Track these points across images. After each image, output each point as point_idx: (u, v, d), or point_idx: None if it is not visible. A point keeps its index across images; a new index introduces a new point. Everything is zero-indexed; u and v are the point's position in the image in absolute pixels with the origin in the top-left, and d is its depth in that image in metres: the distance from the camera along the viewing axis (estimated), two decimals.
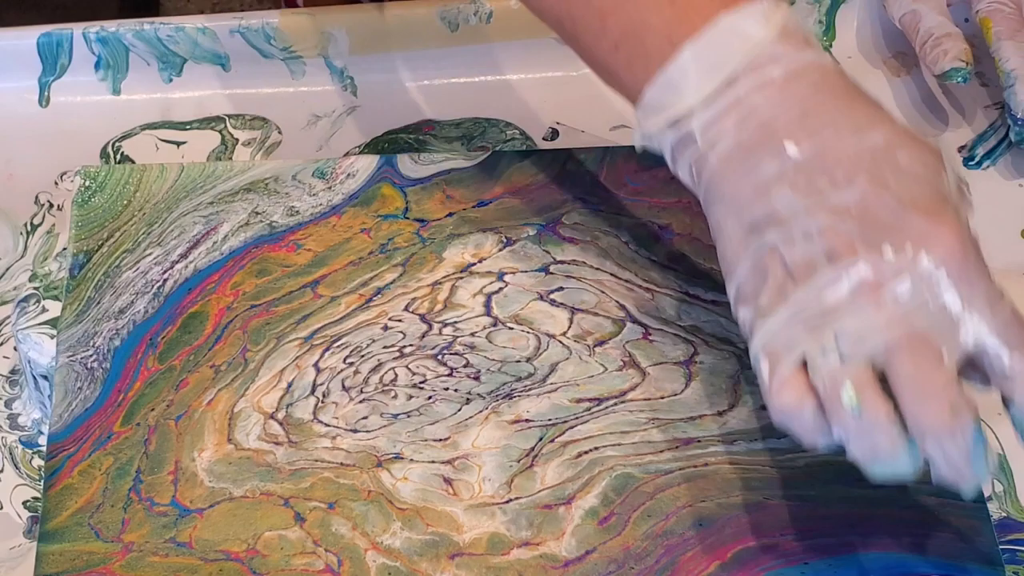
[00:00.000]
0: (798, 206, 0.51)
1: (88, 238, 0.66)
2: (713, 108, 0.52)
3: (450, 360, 0.63)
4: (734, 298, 0.53)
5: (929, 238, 0.49)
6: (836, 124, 0.51)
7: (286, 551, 0.57)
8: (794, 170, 0.51)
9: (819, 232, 0.50)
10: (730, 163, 0.52)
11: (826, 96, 0.52)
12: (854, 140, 0.51)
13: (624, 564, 0.57)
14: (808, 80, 0.52)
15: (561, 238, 0.66)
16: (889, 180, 0.50)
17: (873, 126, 0.52)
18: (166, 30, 0.74)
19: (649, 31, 0.53)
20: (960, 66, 0.70)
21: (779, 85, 0.52)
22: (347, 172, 0.69)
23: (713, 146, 0.52)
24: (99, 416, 0.61)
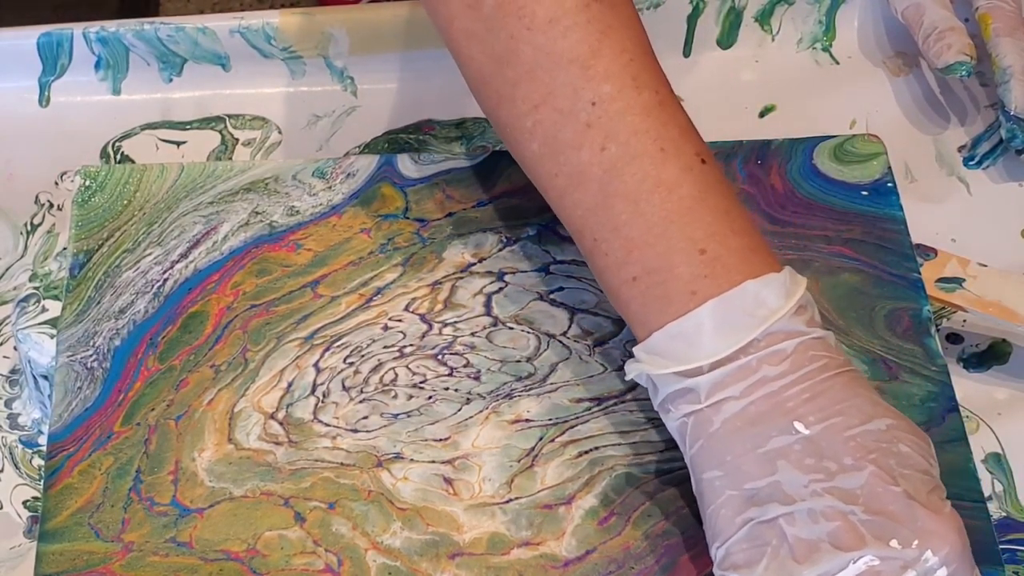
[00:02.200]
0: (804, 485, 0.51)
1: (88, 238, 0.66)
2: (723, 370, 0.52)
3: (450, 360, 0.63)
4: (720, 560, 0.53)
5: (934, 537, 0.50)
6: (844, 409, 0.52)
7: (286, 551, 0.57)
8: (801, 449, 0.51)
9: (824, 515, 0.50)
10: (735, 430, 0.52)
11: (834, 379, 0.52)
12: (861, 427, 0.51)
13: (624, 564, 0.57)
14: (817, 359, 0.52)
15: (561, 238, 0.66)
16: (894, 470, 0.51)
17: (877, 414, 0.52)
18: (166, 30, 0.74)
19: (674, 277, 0.53)
20: (964, 60, 0.70)
21: (791, 360, 0.52)
22: (347, 172, 0.69)
23: (719, 409, 0.53)
24: (99, 416, 0.61)
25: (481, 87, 0.57)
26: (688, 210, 0.54)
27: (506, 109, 0.56)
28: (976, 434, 0.63)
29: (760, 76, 0.77)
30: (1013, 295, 0.63)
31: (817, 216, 0.67)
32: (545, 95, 0.54)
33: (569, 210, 0.56)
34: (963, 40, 0.71)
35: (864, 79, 0.76)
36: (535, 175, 0.57)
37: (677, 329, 0.53)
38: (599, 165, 0.54)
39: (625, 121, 0.54)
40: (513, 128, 0.56)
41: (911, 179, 0.72)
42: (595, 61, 0.54)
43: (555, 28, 0.54)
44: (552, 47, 0.54)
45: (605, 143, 0.54)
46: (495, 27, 0.55)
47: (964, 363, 0.66)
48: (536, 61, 0.54)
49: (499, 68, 0.55)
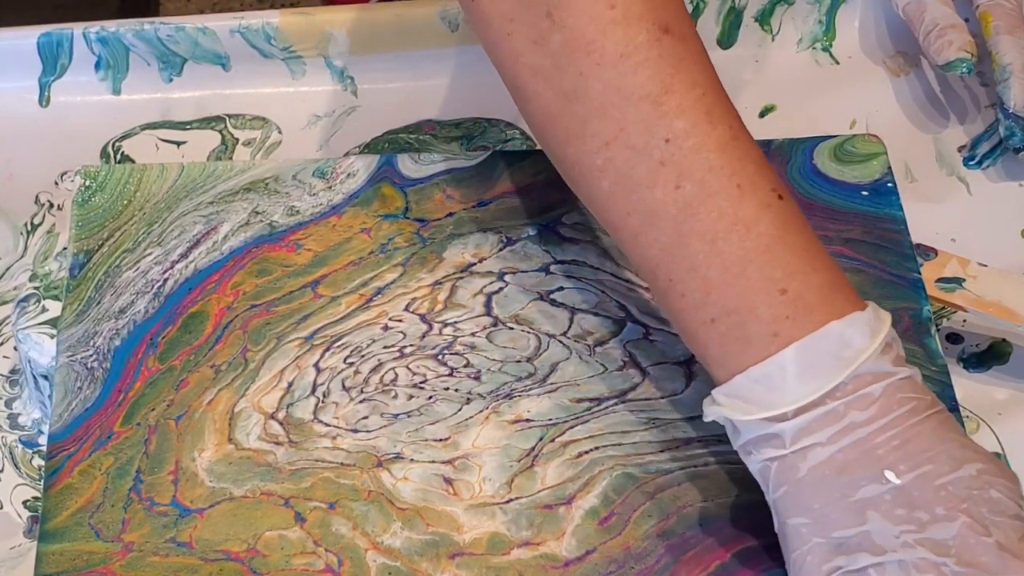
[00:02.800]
0: (895, 536, 0.50)
1: (88, 238, 0.66)
2: (809, 416, 0.51)
3: (450, 360, 0.63)
4: None
5: None
6: (935, 456, 0.51)
7: (286, 551, 0.57)
8: (892, 499, 0.50)
9: (916, 567, 0.50)
10: (823, 478, 0.51)
11: (923, 424, 0.51)
12: (952, 474, 0.51)
13: (624, 564, 0.57)
14: (906, 402, 0.51)
15: (561, 238, 0.66)
16: (986, 518, 0.50)
17: (967, 459, 0.51)
18: (166, 30, 0.74)
19: (754, 318, 0.52)
20: (965, 57, 0.70)
21: (879, 404, 0.51)
22: (347, 172, 0.69)
23: (805, 456, 0.52)
24: (99, 416, 0.61)
25: (547, 125, 0.56)
26: (767, 248, 0.52)
27: (575, 146, 0.55)
28: (976, 434, 0.63)
29: (760, 76, 0.77)
30: (1013, 295, 0.63)
31: (817, 216, 0.67)
32: (617, 132, 0.53)
33: (642, 250, 0.54)
34: (964, 37, 0.71)
35: (864, 79, 0.76)
36: (605, 214, 0.55)
37: (760, 373, 0.52)
38: (674, 204, 0.53)
39: (700, 158, 0.53)
40: (582, 166, 0.55)
41: (911, 179, 0.72)
42: (667, 97, 0.53)
43: (626, 63, 0.53)
44: (623, 83, 0.53)
45: (680, 181, 0.53)
46: (563, 63, 0.53)
47: (964, 363, 0.66)
48: (606, 97, 0.53)
49: (568, 105, 0.54)
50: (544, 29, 0.53)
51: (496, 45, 0.56)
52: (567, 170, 0.56)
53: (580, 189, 0.56)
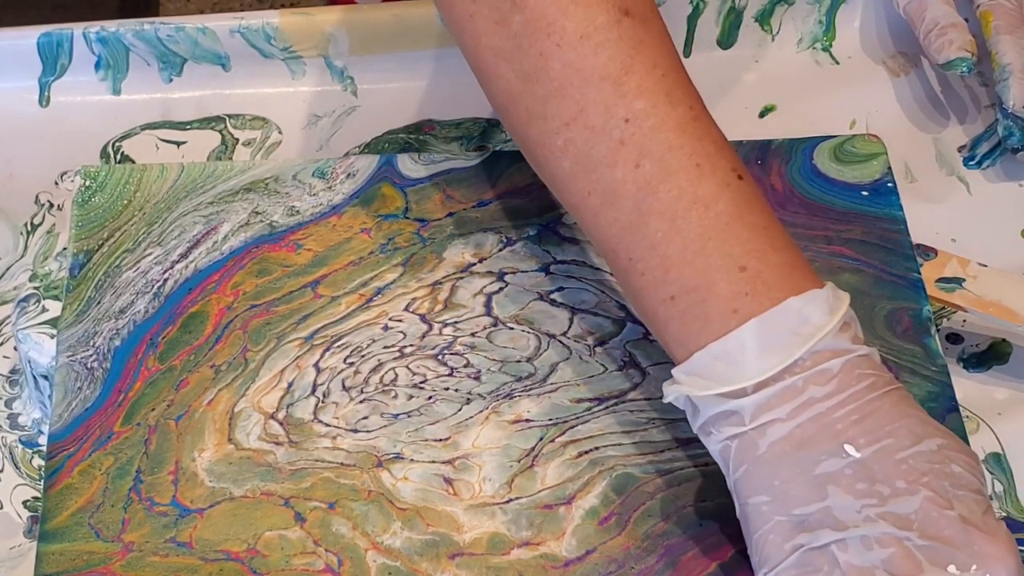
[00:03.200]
0: (856, 510, 0.50)
1: (88, 238, 0.66)
2: (768, 391, 0.51)
3: (450, 360, 0.63)
4: None
5: (992, 560, 0.49)
6: (894, 431, 0.51)
7: (286, 551, 0.57)
8: (853, 474, 0.50)
9: (879, 541, 0.50)
10: (783, 454, 0.51)
11: (882, 399, 0.51)
12: (912, 448, 0.51)
13: (624, 564, 0.57)
14: (864, 378, 0.52)
15: (561, 238, 0.66)
16: (948, 492, 0.50)
17: (927, 434, 0.51)
18: (166, 30, 0.74)
19: (713, 295, 0.52)
20: (965, 56, 0.70)
21: (838, 379, 0.51)
22: (347, 172, 0.69)
23: (764, 432, 0.52)
24: (99, 416, 0.61)
25: (509, 105, 0.56)
26: (726, 226, 0.53)
27: (536, 127, 0.55)
28: (976, 434, 0.63)
29: (760, 76, 0.77)
30: (1013, 295, 0.63)
31: (817, 216, 0.67)
32: (577, 112, 0.54)
33: (603, 229, 0.55)
34: (965, 36, 0.71)
35: (864, 79, 0.76)
36: (566, 194, 0.56)
37: (719, 349, 0.52)
38: (633, 182, 0.53)
39: (659, 137, 0.53)
40: (543, 146, 0.55)
41: (911, 179, 0.72)
42: (627, 77, 0.53)
43: (586, 44, 0.53)
44: (583, 64, 0.53)
45: (639, 160, 0.53)
46: (524, 44, 0.54)
47: (964, 363, 0.66)
48: (567, 78, 0.53)
49: (528, 86, 0.54)
50: (505, 10, 0.54)
51: (459, 26, 0.56)
52: (529, 151, 0.57)
53: (542, 170, 0.57)
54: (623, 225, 0.54)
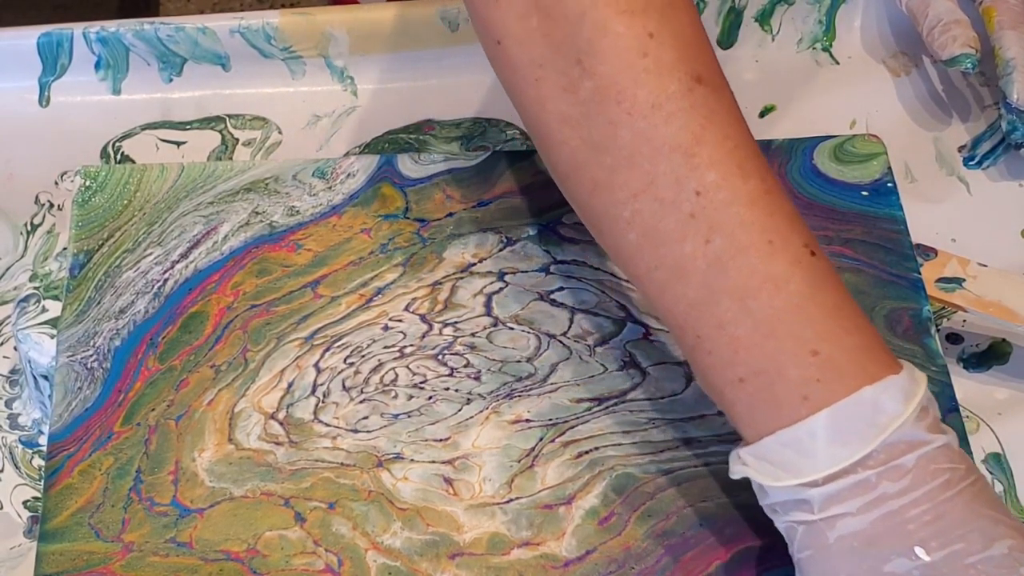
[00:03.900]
0: None
1: (88, 238, 0.66)
2: (839, 484, 0.50)
3: (450, 360, 0.63)
4: None
5: None
6: (966, 534, 0.49)
7: (286, 551, 0.57)
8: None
9: None
10: (851, 550, 0.50)
11: (957, 498, 0.50)
12: (982, 553, 0.49)
13: (624, 564, 0.57)
14: (940, 474, 0.50)
15: (561, 238, 0.66)
16: None
17: (998, 535, 0.50)
18: (166, 30, 0.74)
19: (783, 380, 0.51)
20: (969, 52, 0.70)
21: (912, 476, 0.50)
22: (347, 172, 0.69)
23: (833, 524, 0.50)
24: (99, 416, 0.61)
25: (573, 173, 0.54)
26: (797, 308, 0.51)
27: (601, 197, 0.53)
28: (976, 434, 0.63)
29: (760, 76, 0.77)
30: (1013, 295, 0.63)
31: (817, 216, 0.67)
32: (646, 184, 0.51)
33: (669, 305, 0.53)
34: (968, 33, 0.71)
35: (864, 79, 0.76)
36: (631, 267, 0.54)
37: (789, 437, 0.50)
38: (703, 258, 0.51)
39: (731, 212, 0.51)
40: (608, 217, 0.53)
41: (911, 179, 0.72)
42: (699, 148, 0.51)
43: (657, 114, 0.51)
44: (654, 133, 0.51)
45: (710, 235, 0.51)
46: (593, 112, 0.52)
47: (964, 363, 0.66)
48: (636, 148, 0.51)
49: (595, 154, 0.52)
50: (574, 76, 0.52)
51: (521, 91, 0.54)
52: (592, 220, 0.55)
53: (605, 240, 0.55)
54: (691, 302, 0.52)
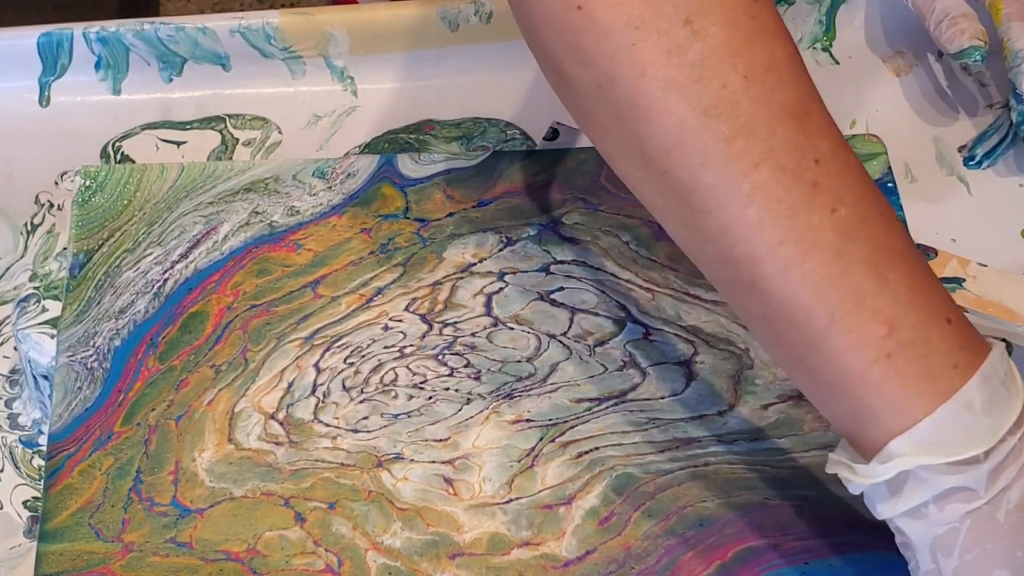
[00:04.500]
0: None
1: (88, 238, 0.66)
2: (998, 455, 0.47)
3: (450, 360, 0.63)
4: None
5: None
6: None
7: (286, 551, 0.57)
8: None
9: None
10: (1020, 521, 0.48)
11: None
12: None
13: (625, 564, 0.57)
14: None
15: (561, 238, 0.66)
16: None
17: None
18: (166, 30, 0.74)
19: (933, 351, 0.48)
20: (978, 44, 0.70)
21: None
22: (347, 172, 0.69)
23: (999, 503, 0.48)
24: (99, 416, 0.61)
25: (678, 146, 0.49)
26: (922, 276, 0.49)
27: (715, 169, 0.48)
28: None
29: None
30: (1013, 295, 0.63)
31: None
32: (766, 152, 0.48)
33: (795, 284, 0.48)
34: (976, 26, 0.71)
35: (864, 79, 0.76)
36: (747, 245, 0.49)
37: (948, 412, 0.47)
38: (832, 229, 0.48)
39: (847, 183, 0.48)
40: (723, 191, 0.48)
41: (911, 179, 0.72)
42: (808, 118, 0.48)
43: (771, 77, 0.48)
44: (771, 97, 0.48)
45: (835, 205, 0.48)
46: (705, 75, 0.48)
47: None
48: (754, 113, 0.48)
49: (708, 121, 0.48)
50: (681, 38, 0.47)
51: (612, 58, 0.49)
52: (698, 198, 0.49)
53: (711, 219, 0.49)
54: (823, 276, 0.48)
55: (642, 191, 0.52)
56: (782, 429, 0.60)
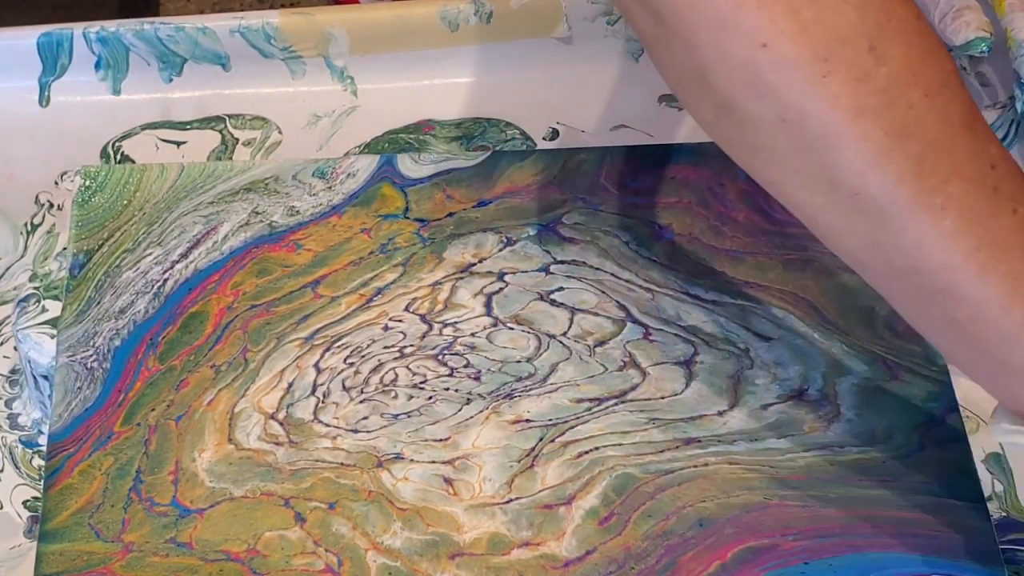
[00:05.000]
0: None
1: (88, 238, 0.66)
2: None
3: (450, 360, 0.63)
4: None
5: None
6: None
7: (286, 551, 0.57)
8: None
9: None
10: None
11: None
12: None
13: (624, 564, 0.57)
14: None
15: (561, 238, 0.66)
16: None
17: None
18: (166, 30, 0.74)
19: None
20: (984, 36, 0.70)
21: None
22: (347, 172, 0.69)
23: None
24: (99, 416, 0.61)
25: (873, 169, 0.50)
26: None
27: (909, 186, 0.50)
28: (976, 434, 0.63)
29: None
30: None
31: None
32: (953, 165, 0.50)
33: (994, 286, 0.51)
34: (981, 18, 0.71)
35: None
36: (944, 255, 0.51)
37: None
38: (1017, 229, 0.51)
39: (1017, 180, 0.51)
40: (919, 207, 0.50)
41: None
42: (976, 124, 0.51)
43: (947, 92, 0.50)
44: (948, 112, 0.50)
45: (1015, 205, 0.51)
46: (894, 98, 0.50)
47: None
48: (939, 129, 0.50)
49: (900, 142, 0.50)
50: (868, 65, 0.49)
51: (803, 91, 0.50)
52: (893, 216, 0.51)
53: (906, 234, 0.51)
54: (1016, 276, 0.51)
55: (821, 216, 0.53)
56: (782, 429, 0.60)
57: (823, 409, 0.61)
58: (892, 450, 0.60)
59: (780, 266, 0.65)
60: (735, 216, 0.67)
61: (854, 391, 0.61)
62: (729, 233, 0.67)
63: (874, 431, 0.60)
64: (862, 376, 0.62)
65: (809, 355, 0.63)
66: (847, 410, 0.61)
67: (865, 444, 0.60)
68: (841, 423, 0.61)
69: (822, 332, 0.63)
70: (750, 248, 0.66)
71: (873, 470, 0.59)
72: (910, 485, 0.59)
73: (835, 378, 0.62)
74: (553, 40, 0.75)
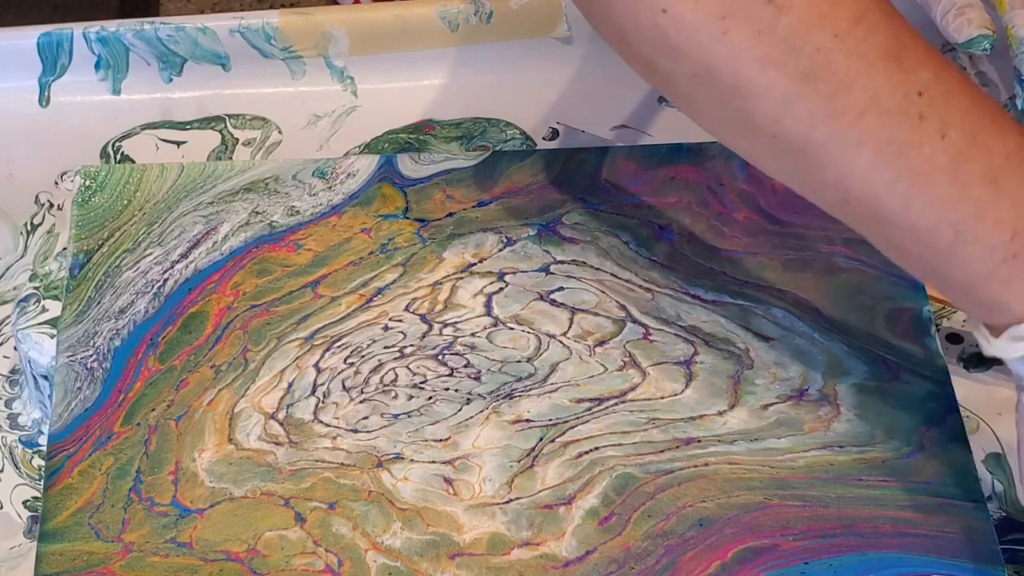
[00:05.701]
0: None
1: (88, 238, 0.66)
2: None
3: (450, 360, 0.63)
4: None
5: None
6: None
7: (286, 551, 0.57)
8: None
9: None
10: None
11: None
12: None
13: (624, 564, 0.57)
14: None
15: (561, 238, 0.66)
16: None
17: None
18: (166, 30, 0.74)
19: None
20: (986, 33, 0.70)
21: None
22: (347, 172, 0.69)
23: None
24: (99, 416, 0.61)
25: (785, 114, 0.52)
26: None
27: (823, 127, 0.52)
28: (976, 434, 0.63)
29: None
30: None
31: (817, 216, 0.66)
32: (869, 100, 0.51)
33: (916, 214, 0.52)
34: (983, 15, 0.71)
35: None
36: (865, 188, 0.52)
37: None
38: (944, 154, 0.51)
39: (953, 103, 0.51)
40: (833, 146, 0.52)
41: None
42: (904, 52, 0.51)
43: (861, 28, 0.51)
44: (864, 47, 0.51)
45: (944, 130, 0.51)
46: (797, 45, 0.51)
47: (964, 363, 0.66)
48: (851, 66, 0.51)
49: (808, 85, 0.51)
50: (767, 17, 0.51)
51: (705, 50, 0.52)
52: (811, 155, 0.53)
53: (827, 171, 0.53)
54: (942, 201, 0.52)
55: (754, 158, 0.55)
56: (782, 429, 0.60)
57: (823, 409, 0.61)
58: (892, 450, 0.60)
59: (780, 266, 0.65)
60: (735, 216, 0.67)
61: (854, 391, 0.61)
62: (729, 233, 0.67)
63: (874, 431, 0.60)
64: (862, 376, 0.62)
65: (809, 355, 0.63)
66: (847, 410, 0.61)
67: (865, 444, 0.60)
68: (841, 423, 0.61)
69: (822, 332, 0.63)
70: (750, 248, 0.66)
71: (873, 470, 0.59)
72: (910, 485, 0.59)
73: (835, 378, 0.62)
74: (553, 40, 0.75)
